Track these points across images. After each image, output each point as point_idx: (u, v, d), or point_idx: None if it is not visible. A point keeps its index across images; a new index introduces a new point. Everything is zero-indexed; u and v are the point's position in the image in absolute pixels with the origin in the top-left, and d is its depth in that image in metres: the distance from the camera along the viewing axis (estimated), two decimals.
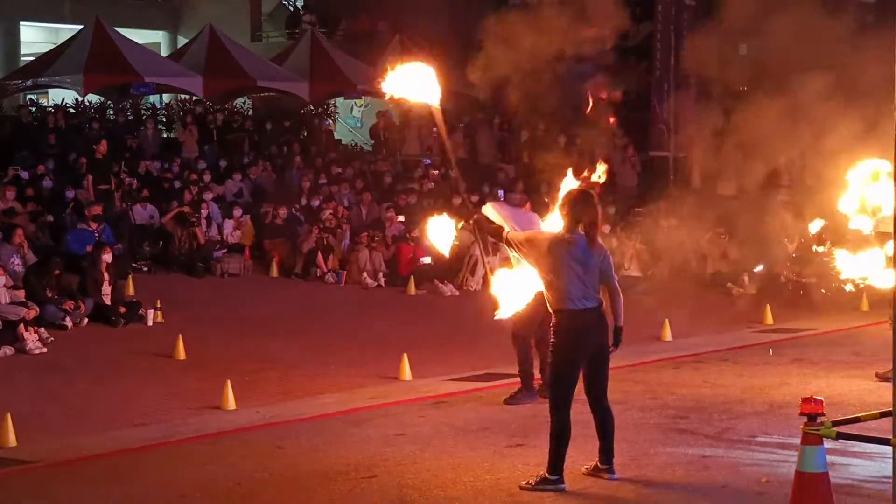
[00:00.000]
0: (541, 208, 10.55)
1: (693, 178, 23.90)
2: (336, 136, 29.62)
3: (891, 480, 6.43)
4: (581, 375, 7.78)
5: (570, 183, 8.22)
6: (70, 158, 20.71)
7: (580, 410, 7.86)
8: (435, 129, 27.09)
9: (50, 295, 14.57)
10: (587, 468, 7.94)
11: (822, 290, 18.38)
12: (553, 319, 7.76)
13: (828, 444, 6.64)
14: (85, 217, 17.48)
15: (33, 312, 13.85)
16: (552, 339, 7.76)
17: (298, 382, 12.17)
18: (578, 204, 7.67)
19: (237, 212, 19.94)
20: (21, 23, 31.06)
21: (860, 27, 11.58)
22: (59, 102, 25.91)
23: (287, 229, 19.68)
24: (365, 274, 18.90)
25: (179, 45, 30.40)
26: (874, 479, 7.77)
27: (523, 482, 7.74)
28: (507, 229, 8.30)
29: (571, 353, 7.66)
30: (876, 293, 12.72)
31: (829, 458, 6.82)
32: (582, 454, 8.01)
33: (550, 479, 7.65)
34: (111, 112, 25.80)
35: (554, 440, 7.68)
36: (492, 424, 9.87)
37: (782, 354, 13.67)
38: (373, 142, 28.04)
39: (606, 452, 7.88)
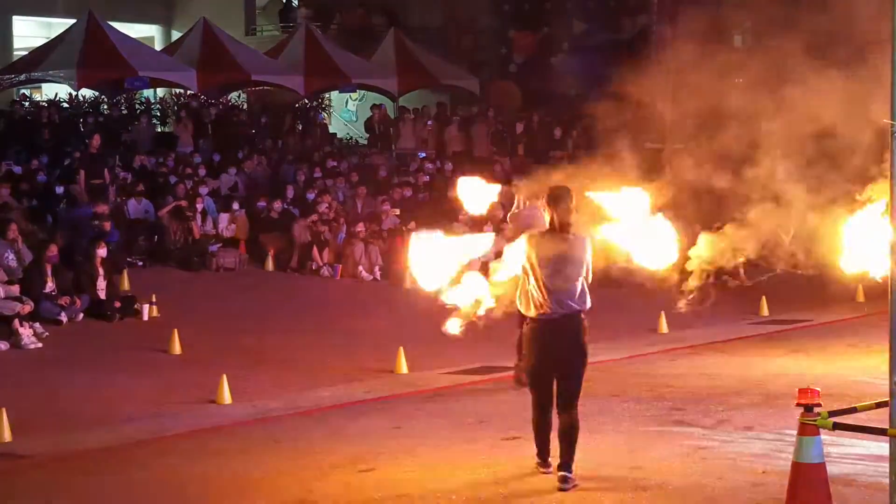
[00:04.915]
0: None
1: (687, 171, 23.88)
2: (331, 129, 29.55)
3: (887, 470, 6.43)
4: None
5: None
6: (63, 153, 20.64)
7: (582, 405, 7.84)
8: (430, 123, 27.12)
9: (46, 291, 14.53)
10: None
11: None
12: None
13: (824, 434, 6.63)
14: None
15: (28, 308, 13.82)
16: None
17: (294, 376, 12.16)
18: (553, 200, 7.64)
19: (232, 206, 19.89)
20: (14, 17, 30.89)
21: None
22: (53, 97, 25.82)
23: (282, 223, 19.64)
24: (360, 267, 18.86)
25: (173, 39, 30.30)
26: (871, 469, 7.78)
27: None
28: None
29: (535, 357, 7.69)
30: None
31: (826, 448, 6.81)
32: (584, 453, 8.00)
33: (537, 462, 7.88)
34: (105, 107, 25.70)
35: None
36: (488, 417, 9.87)
37: (778, 346, 13.68)
38: (368, 135, 27.98)
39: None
